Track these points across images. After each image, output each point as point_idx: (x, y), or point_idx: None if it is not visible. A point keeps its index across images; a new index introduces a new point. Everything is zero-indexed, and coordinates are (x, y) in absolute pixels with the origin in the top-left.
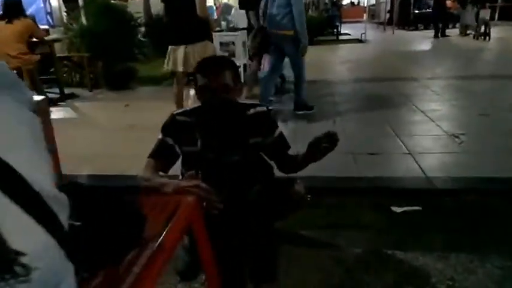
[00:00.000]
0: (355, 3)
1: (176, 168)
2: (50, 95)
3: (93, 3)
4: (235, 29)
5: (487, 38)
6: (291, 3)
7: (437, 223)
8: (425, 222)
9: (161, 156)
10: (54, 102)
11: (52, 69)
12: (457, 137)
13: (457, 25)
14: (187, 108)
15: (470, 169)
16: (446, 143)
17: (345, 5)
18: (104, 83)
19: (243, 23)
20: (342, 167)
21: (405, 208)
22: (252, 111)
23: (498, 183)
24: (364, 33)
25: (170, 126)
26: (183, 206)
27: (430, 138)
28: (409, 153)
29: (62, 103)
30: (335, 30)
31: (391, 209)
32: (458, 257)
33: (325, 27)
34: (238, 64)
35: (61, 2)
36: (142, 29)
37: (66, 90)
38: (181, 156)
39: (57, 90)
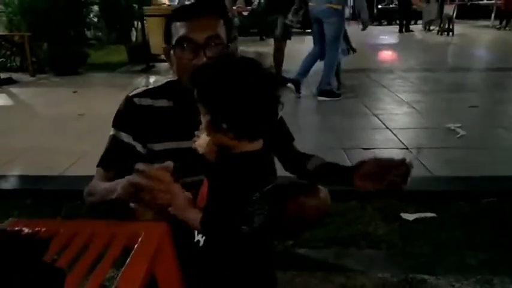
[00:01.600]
0: None
1: None
2: None
3: None
4: None
5: (451, 33)
6: None
7: (458, 234)
8: (444, 233)
9: (115, 164)
10: None
11: None
12: (453, 130)
13: (419, 21)
14: (151, 86)
15: (478, 166)
16: (444, 136)
17: None
18: (49, 68)
19: None
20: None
21: (417, 215)
22: None
23: None
24: None
25: (126, 115)
26: (141, 243)
27: (425, 131)
28: (406, 148)
29: None
30: None
31: (402, 217)
32: (502, 281)
33: None
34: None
35: None
36: (96, 8)
37: (3, 75)
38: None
39: None
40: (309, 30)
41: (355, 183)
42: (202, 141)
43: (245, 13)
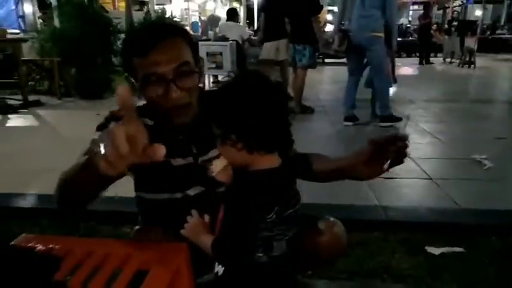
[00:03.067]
0: None
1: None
2: (11, 102)
3: (69, 3)
4: (224, 39)
5: (472, 66)
6: (385, 4)
7: (489, 272)
8: (474, 270)
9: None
10: (14, 109)
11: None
12: (480, 161)
13: (439, 54)
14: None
15: (506, 200)
16: (470, 168)
17: (328, 31)
18: (76, 92)
19: (232, 35)
20: (355, 192)
21: (444, 249)
22: None
23: None
24: None
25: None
26: (158, 266)
27: (450, 161)
28: (430, 179)
29: (23, 110)
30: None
31: (427, 250)
32: None
33: None
34: None
35: (36, 7)
36: (123, 36)
37: (33, 97)
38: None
39: (20, 96)
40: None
41: (361, 175)
42: (218, 165)
43: None
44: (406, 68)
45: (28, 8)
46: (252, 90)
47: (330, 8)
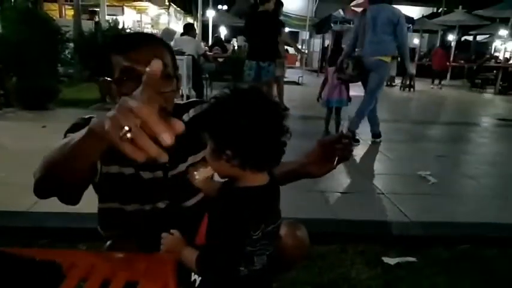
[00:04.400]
0: (288, 50)
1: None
2: None
3: (13, 8)
4: (180, 53)
5: (412, 89)
6: (397, 31)
7: (440, 280)
8: (426, 279)
9: None
10: None
11: None
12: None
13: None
14: None
15: (451, 213)
16: (417, 183)
17: None
18: (17, 102)
19: (189, 49)
20: (313, 207)
21: (398, 259)
22: (191, 113)
23: (489, 230)
24: (301, 76)
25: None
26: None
27: (399, 177)
28: (382, 193)
29: None
30: None
31: (383, 261)
32: None
33: None
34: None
35: None
36: (71, 45)
37: None
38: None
39: None
40: None
41: (312, 173)
42: (201, 174)
43: (220, 59)
44: (351, 88)
45: None
46: (255, 109)
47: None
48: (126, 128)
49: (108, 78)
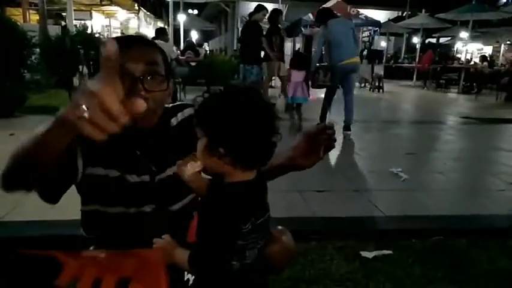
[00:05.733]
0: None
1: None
2: None
3: None
4: None
5: (381, 90)
6: (355, 35)
7: (415, 270)
8: (402, 269)
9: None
10: None
11: None
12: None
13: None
14: None
15: (423, 207)
16: (390, 179)
17: None
18: None
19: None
20: (291, 205)
21: (375, 253)
22: (179, 117)
23: (459, 222)
24: (274, 79)
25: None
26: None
27: (372, 174)
28: (357, 190)
29: None
30: None
31: (362, 255)
32: None
33: (236, 72)
34: None
35: None
36: (37, 50)
37: None
38: (79, 183)
39: None
40: None
41: (300, 165)
42: (190, 169)
43: (193, 63)
44: (322, 92)
45: None
46: (250, 108)
47: None
48: (84, 107)
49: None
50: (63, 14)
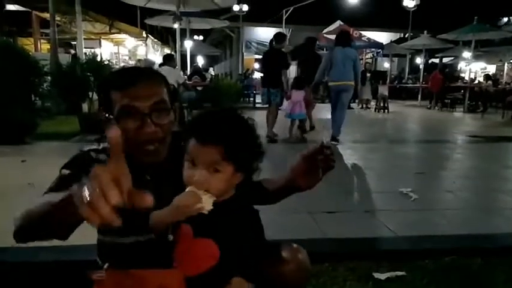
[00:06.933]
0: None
1: None
2: None
3: None
4: None
5: (386, 110)
6: (355, 63)
7: None
8: None
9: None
10: None
11: None
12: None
13: (357, 100)
14: (106, 145)
15: (434, 226)
16: (400, 200)
17: (255, 78)
18: None
19: (169, 79)
20: (301, 227)
21: (388, 274)
22: None
23: (472, 241)
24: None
25: (83, 164)
26: None
27: (381, 195)
28: (367, 211)
29: None
30: (251, 98)
31: (374, 276)
32: None
33: (242, 96)
34: None
35: None
36: (48, 78)
37: None
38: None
39: None
40: None
41: (301, 187)
42: (208, 201)
43: (200, 88)
44: (327, 113)
45: None
46: (251, 127)
47: (257, 56)
48: (86, 191)
49: (108, 115)
50: (73, 42)
